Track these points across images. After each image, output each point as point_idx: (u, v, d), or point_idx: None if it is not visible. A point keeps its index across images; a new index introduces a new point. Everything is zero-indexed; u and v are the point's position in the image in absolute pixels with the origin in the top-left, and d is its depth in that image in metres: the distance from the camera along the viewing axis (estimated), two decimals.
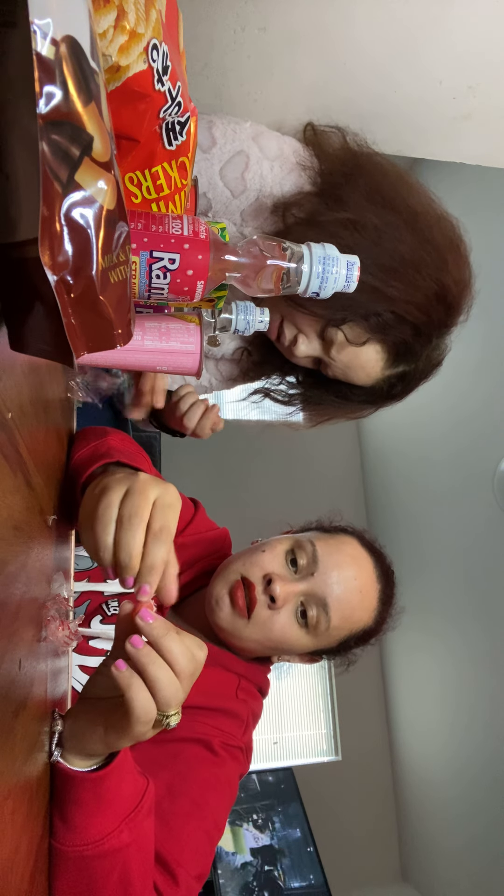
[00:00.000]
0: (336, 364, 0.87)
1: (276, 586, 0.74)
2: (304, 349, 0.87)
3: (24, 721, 0.40)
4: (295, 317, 0.86)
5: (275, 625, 0.75)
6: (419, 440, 3.18)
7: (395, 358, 0.85)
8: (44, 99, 0.23)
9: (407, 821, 3.32)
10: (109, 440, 0.71)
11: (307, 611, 0.75)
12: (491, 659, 2.55)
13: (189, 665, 0.46)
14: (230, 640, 0.78)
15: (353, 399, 0.94)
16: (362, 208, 0.81)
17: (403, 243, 0.79)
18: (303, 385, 1.01)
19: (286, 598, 0.75)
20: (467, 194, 2.01)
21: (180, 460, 2.97)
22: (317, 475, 3.70)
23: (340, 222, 0.80)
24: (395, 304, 0.79)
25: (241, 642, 0.78)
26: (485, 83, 1.01)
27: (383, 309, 0.79)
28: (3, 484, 0.36)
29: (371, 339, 0.82)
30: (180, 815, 0.65)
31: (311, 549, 0.77)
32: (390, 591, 0.83)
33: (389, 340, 0.82)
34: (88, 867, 0.50)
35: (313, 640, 0.77)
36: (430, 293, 0.80)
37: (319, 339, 0.86)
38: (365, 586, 0.78)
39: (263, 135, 0.89)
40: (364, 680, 3.54)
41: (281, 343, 0.90)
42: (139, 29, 0.43)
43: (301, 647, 0.78)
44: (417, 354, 0.85)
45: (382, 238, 0.79)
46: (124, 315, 0.32)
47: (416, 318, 0.80)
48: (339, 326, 0.82)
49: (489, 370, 2.53)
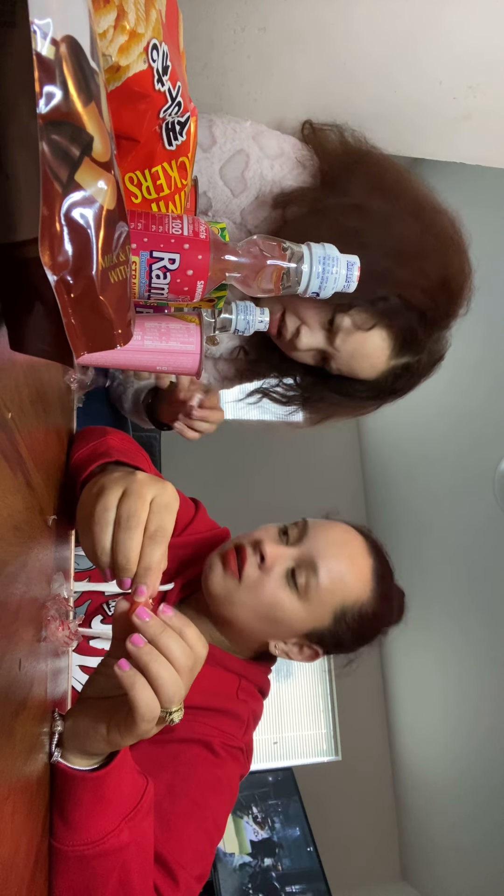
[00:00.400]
0: (341, 354, 0.85)
1: (265, 547, 0.76)
2: (307, 341, 0.86)
3: (24, 721, 0.40)
4: (298, 308, 0.85)
5: (265, 586, 0.75)
6: (419, 439, 3.18)
7: (401, 347, 0.84)
8: (44, 99, 0.23)
9: (407, 821, 3.32)
10: (109, 440, 0.71)
11: (297, 573, 0.76)
12: (490, 659, 2.55)
13: (188, 660, 0.46)
14: (223, 608, 0.77)
15: (356, 395, 0.93)
16: (366, 194, 0.81)
17: (409, 230, 0.79)
18: (301, 385, 1.00)
19: (275, 558, 0.76)
20: (467, 194, 2.01)
21: (180, 460, 2.97)
22: (317, 474, 3.70)
23: (345, 207, 0.80)
24: (403, 287, 0.79)
25: (233, 608, 0.77)
26: (485, 83, 1.01)
27: (390, 293, 0.79)
28: (3, 484, 0.36)
29: (378, 324, 0.81)
30: (181, 815, 0.65)
31: (302, 524, 0.81)
32: (385, 568, 0.82)
33: (396, 326, 0.82)
34: (89, 867, 0.50)
35: (305, 605, 0.76)
36: (435, 279, 0.80)
37: (323, 329, 0.85)
38: (354, 554, 0.79)
39: (264, 134, 0.89)
40: (364, 680, 3.54)
41: (282, 337, 0.89)
42: (139, 29, 0.43)
43: (294, 613, 0.76)
44: (422, 344, 0.85)
45: (388, 223, 0.79)
46: (124, 315, 0.32)
47: (422, 304, 0.80)
48: (346, 312, 0.81)
49: (489, 370, 2.53)
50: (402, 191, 0.83)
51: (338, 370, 0.89)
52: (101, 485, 0.51)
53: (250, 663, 0.82)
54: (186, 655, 0.46)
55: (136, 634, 0.46)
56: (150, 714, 0.45)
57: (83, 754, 0.50)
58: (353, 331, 0.82)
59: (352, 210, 0.80)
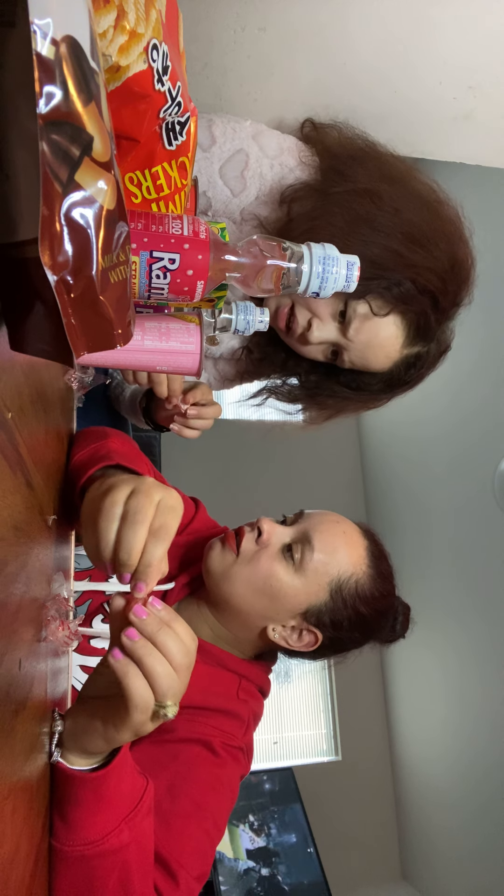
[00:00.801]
0: (354, 345, 0.85)
1: (262, 524, 0.80)
2: (318, 334, 0.86)
3: (24, 721, 0.40)
4: (308, 301, 0.84)
5: (262, 559, 0.77)
6: (419, 439, 3.18)
7: (415, 334, 0.85)
8: (44, 99, 0.23)
9: (407, 821, 3.32)
10: (110, 442, 0.71)
11: (293, 547, 0.78)
12: (491, 658, 2.55)
13: (185, 658, 0.47)
14: (222, 585, 0.78)
15: (367, 388, 0.93)
16: (375, 181, 0.82)
17: (420, 215, 0.81)
18: (306, 383, 1.00)
19: (271, 534, 0.80)
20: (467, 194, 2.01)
21: (180, 460, 2.97)
22: (317, 474, 3.70)
23: (356, 192, 0.81)
24: (417, 270, 0.79)
25: (231, 584, 0.77)
26: (485, 83, 1.01)
27: (404, 277, 0.80)
28: (3, 484, 0.36)
29: (393, 310, 0.82)
30: (181, 815, 0.65)
31: (299, 512, 0.84)
32: (379, 550, 0.84)
33: (410, 312, 0.82)
34: (89, 867, 0.50)
35: (301, 578, 0.77)
36: (447, 264, 0.81)
37: (335, 321, 0.85)
38: (349, 531, 0.82)
39: (263, 133, 0.89)
40: (364, 679, 3.54)
41: (292, 332, 0.88)
42: (139, 29, 0.43)
43: (290, 585, 0.77)
44: (433, 332, 0.86)
45: (400, 207, 0.80)
46: (124, 315, 0.32)
47: (435, 287, 0.81)
48: (362, 298, 0.81)
49: (489, 370, 2.53)
50: (410, 179, 0.84)
51: (350, 363, 0.88)
52: (109, 483, 0.52)
53: (251, 663, 0.82)
54: (183, 653, 0.47)
55: (131, 629, 0.46)
56: (143, 704, 0.45)
57: (83, 753, 0.50)
58: (367, 318, 0.82)
59: (363, 195, 0.81)
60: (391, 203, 0.80)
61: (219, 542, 0.81)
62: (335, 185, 0.84)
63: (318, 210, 0.83)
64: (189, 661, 0.47)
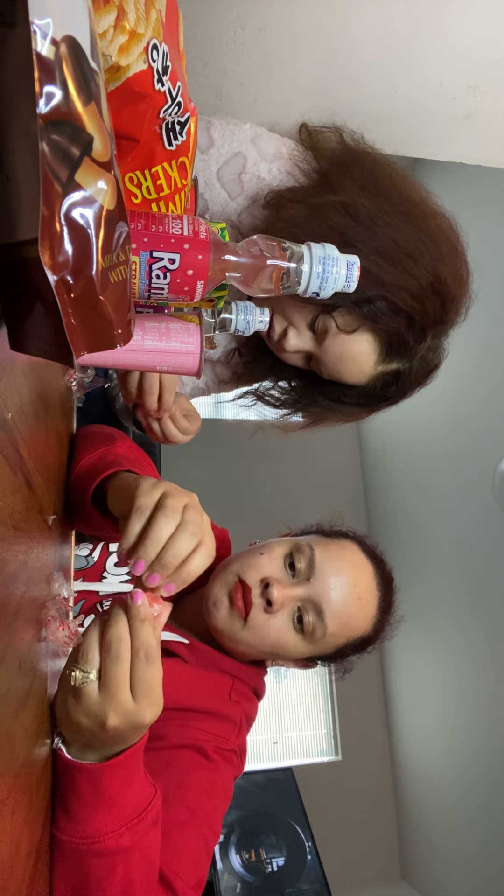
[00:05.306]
0: (328, 357, 0.83)
1: (273, 590, 0.74)
2: (294, 343, 0.84)
3: (24, 721, 0.40)
4: (285, 309, 0.83)
5: (271, 629, 0.75)
6: (419, 440, 3.17)
7: (388, 351, 0.82)
8: (44, 99, 0.23)
9: (407, 821, 3.32)
10: (117, 447, 0.72)
11: (304, 616, 0.75)
12: (490, 658, 2.55)
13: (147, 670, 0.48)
14: (226, 642, 0.78)
15: (346, 401, 0.91)
16: (355, 194, 0.80)
17: (398, 231, 0.78)
18: (294, 389, 0.99)
19: (283, 603, 0.75)
20: (467, 194, 2.02)
21: (180, 461, 2.97)
22: (317, 475, 3.70)
23: (332, 205, 0.79)
24: (388, 289, 0.77)
25: (236, 645, 0.77)
26: (485, 83, 1.01)
27: (376, 295, 0.77)
28: (3, 484, 0.36)
29: (362, 326, 0.79)
30: (176, 823, 0.64)
31: (310, 553, 0.77)
32: (390, 599, 0.82)
33: (382, 330, 0.80)
34: (83, 864, 0.50)
35: (309, 646, 0.77)
36: (424, 283, 0.78)
37: (310, 331, 0.84)
38: (364, 594, 0.78)
39: (262, 137, 0.89)
40: (364, 680, 3.54)
41: (270, 338, 0.88)
42: (139, 29, 0.43)
43: (297, 652, 0.78)
44: (412, 350, 0.82)
45: (376, 223, 0.77)
46: (124, 315, 0.32)
47: (409, 307, 0.78)
48: (330, 314, 0.80)
49: (489, 370, 2.53)
50: (395, 191, 0.81)
51: (327, 374, 0.87)
52: (154, 481, 0.55)
53: (245, 665, 0.82)
54: (147, 662, 0.48)
55: (139, 591, 0.49)
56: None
57: (85, 748, 0.50)
58: (337, 333, 0.81)
59: (339, 207, 0.79)
60: (367, 217, 0.78)
61: (225, 599, 0.76)
62: (317, 194, 0.82)
63: (301, 218, 0.81)
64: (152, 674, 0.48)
